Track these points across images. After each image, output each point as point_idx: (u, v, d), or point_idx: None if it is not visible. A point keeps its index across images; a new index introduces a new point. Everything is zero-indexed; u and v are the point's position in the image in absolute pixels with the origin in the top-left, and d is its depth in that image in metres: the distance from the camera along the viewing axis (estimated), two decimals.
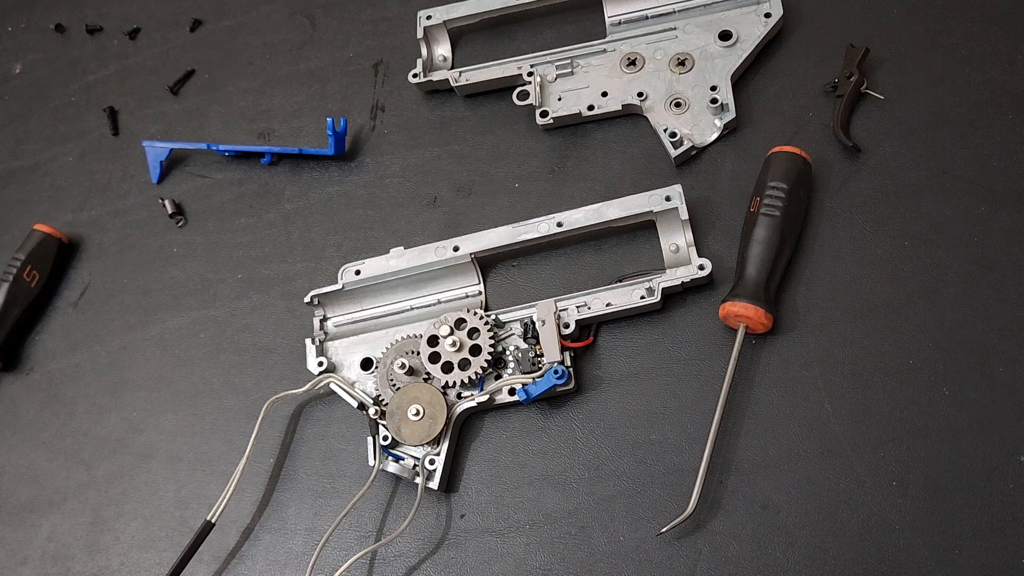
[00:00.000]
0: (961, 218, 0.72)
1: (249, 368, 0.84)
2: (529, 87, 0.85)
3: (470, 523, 0.73)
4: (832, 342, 0.71)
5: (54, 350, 0.91)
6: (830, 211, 0.75)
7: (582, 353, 0.76)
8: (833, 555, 0.65)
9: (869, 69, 0.78)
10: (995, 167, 0.73)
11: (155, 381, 0.86)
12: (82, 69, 1.06)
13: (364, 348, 0.80)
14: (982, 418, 0.66)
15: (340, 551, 0.75)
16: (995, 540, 0.63)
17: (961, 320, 0.69)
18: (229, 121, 0.97)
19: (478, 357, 0.74)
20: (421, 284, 0.80)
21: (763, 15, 0.81)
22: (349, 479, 0.77)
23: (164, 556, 0.79)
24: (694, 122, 0.80)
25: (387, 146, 0.90)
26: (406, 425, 0.74)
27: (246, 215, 0.91)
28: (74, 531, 0.82)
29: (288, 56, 0.98)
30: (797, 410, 0.69)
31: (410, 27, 0.92)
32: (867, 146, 0.76)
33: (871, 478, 0.66)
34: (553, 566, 0.70)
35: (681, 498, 0.68)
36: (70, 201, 0.98)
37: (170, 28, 1.05)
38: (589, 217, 0.77)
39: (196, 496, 0.80)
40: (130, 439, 0.85)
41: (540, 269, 0.80)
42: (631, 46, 0.84)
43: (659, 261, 0.76)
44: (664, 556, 0.68)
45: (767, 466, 0.68)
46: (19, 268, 0.91)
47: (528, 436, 0.75)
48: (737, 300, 0.70)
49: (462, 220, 0.84)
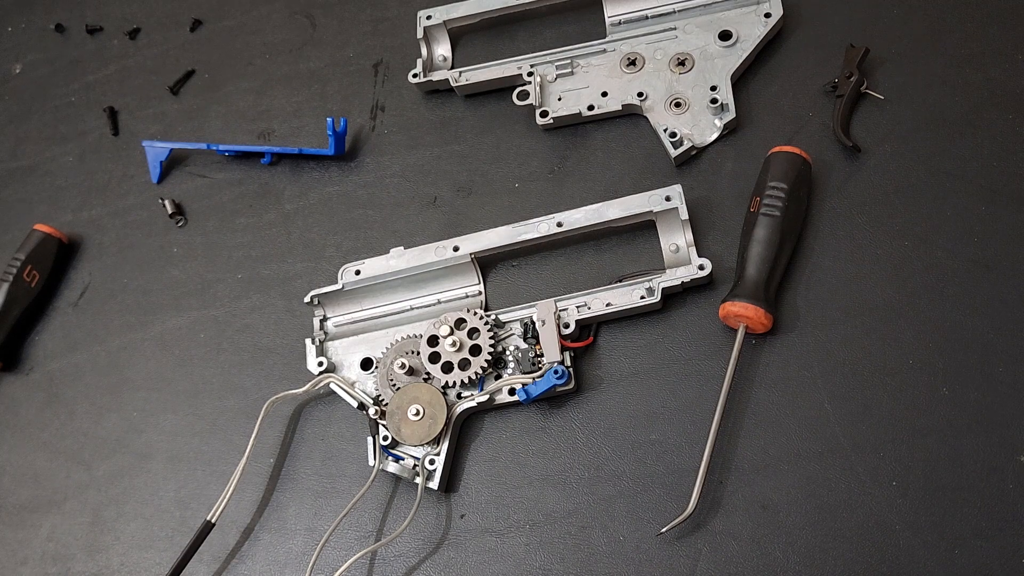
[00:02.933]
0: (961, 218, 0.72)
1: (249, 368, 0.84)
2: (529, 87, 0.85)
3: (470, 523, 0.73)
4: (832, 342, 0.71)
5: (54, 350, 0.91)
6: (830, 211, 0.75)
7: (582, 353, 0.76)
8: (833, 555, 0.65)
9: (869, 69, 0.78)
10: (995, 167, 0.73)
11: (155, 381, 0.86)
12: (82, 69, 1.06)
13: (364, 348, 0.80)
14: (982, 418, 0.66)
15: (340, 551, 0.75)
16: (995, 540, 0.63)
17: (961, 320, 0.69)
18: (229, 121, 0.97)
19: (478, 357, 0.74)
20: (421, 284, 0.80)
21: (763, 15, 0.81)
22: (349, 479, 0.77)
23: (164, 556, 0.79)
24: (694, 122, 0.80)
25: (387, 146, 0.90)
26: (406, 425, 0.74)
27: (246, 215, 0.91)
28: (74, 531, 0.82)
29: (288, 56, 0.98)
30: (797, 410, 0.69)
31: (410, 27, 0.92)
32: (867, 146, 0.76)
33: (871, 478, 0.66)
34: (553, 566, 0.70)
35: (681, 498, 0.68)
36: (70, 201, 0.98)
37: (170, 28, 1.05)
38: (589, 217, 0.77)
39: (196, 496, 0.80)
40: (130, 439, 0.85)
41: (540, 269, 0.80)
42: (631, 46, 0.84)
43: (659, 261, 0.76)
44: (664, 556, 0.68)
45: (767, 466, 0.68)
46: (19, 268, 0.91)
47: (528, 436, 0.75)
48: (737, 300, 0.70)
49: (462, 220, 0.84)
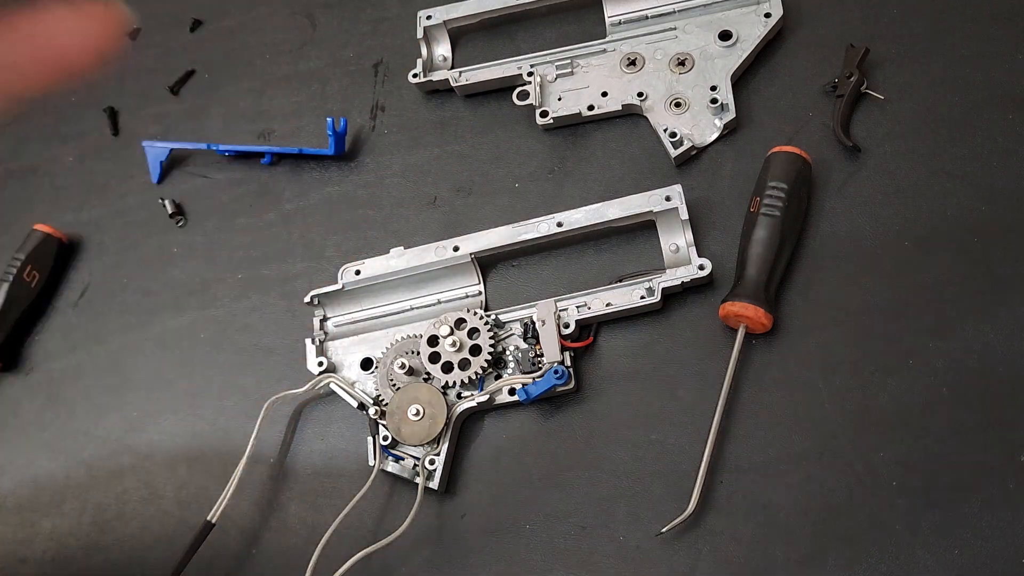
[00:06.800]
0: (961, 218, 0.72)
1: (249, 368, 0.84)
2: (529, 87, 0.85)
3: (470, 523, 0.73)
4: (832, 342, 0.71)
5: (54, 350, 0.91)
6: (830, 211, 0.75)
7: (582, 353, 0.76)
8: (833, 555, 0.65)
9: (869, 69, 0.78)
10: (995, 167, 0.73)
11: (155, 381, 0.86)
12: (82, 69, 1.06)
13: (364, 348, 0.80)
14: (982, 418, 0.66)
15: (340, 551, 0.74)
16: (995, 540, 0.63)
17: (961, 320, 0.69)
18: (229, 121, 0.97)
19: (478, 357, 0.74)
20: (421, 284, 0.80)
21: (763, 15, 0.81)
22: (349, 479, 0.77)
23: (164, 556, 0.79)
24: (694, 122, 0.80)
25: (387, 146, 0.90)
26: (406, 425, 0.74)
27: (246, 215, 0.91)
28: (74, 531, 0.82)
29: (288, 56, 0.98)
30: (797, 410, 0.69)
31: (410, 27, 0.92)
32: (867, 146, 0.76)
33: (871, 478, 0.66)
34: (553, 566, 0.70)
35: (681, 498, 0.68)
36: (70, 201, 0.98)
37: (170, 28, 1.05)
38: (589, 217, 0.77)
39: (196, 496, 0.80)
40: (130, 439, 0.84)
41: (540, 269, 0.80)
42: (631, 46, 0.84)
43: (659, 261, 0.76)
44: (664, 556, 0.68)
45: (767, 466, 0.68)
46: (19, 268, 0.91)
47: (528, 436, 0.75)
48: (737, 300, 0.70)
49: (462, 220, 0.84)
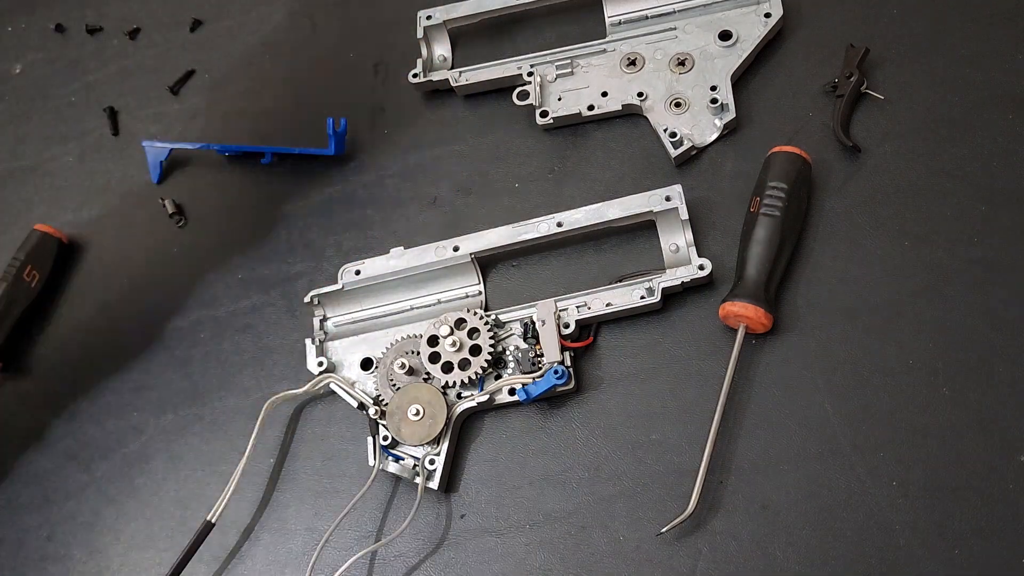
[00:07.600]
0: (961, 218, 0.72)
1: (249, 368, 0.84)
2: (529, 87, 0.85)
3: (470, 523, 0.73)
4: (832, 342, 0.71)
5: (54, 350, 0.91)
6: (830, 211, 0.75)
7: (582, 353, 0.76)
8: (833, 555, 0.65)
9: (869, 69, 0.78)
10: (995, 167, 0.73)
11: (155, 381, 0.86)
12: (82, 69, 1.06)
13: (364, 348, 0.80)
14: (982, 418, 0.66)
15: (340, 551, 0.75)
16: (995, 540, 0.63)
17: (961, 320, 0.69)
18: (229, 121, 0.97)
19: (478, 357, 0.74)
20: (421, 284, 0.80)
21: (763, 15, 0.81)
22: (349, 479, 0.77)
23: (164, 556, 0.79)
24: (694, 122, 0.80)
25: (387, 146, 0.90)
26: (406, 425, 0.74)
27: (246, 215, 0.91)
28: (74, 531, 0.82)
29: (288, 56, 0.98)
30: (797, 410, 0.69)
31: (410, 27, 0.92)
32: (867, 146, 0.76)
33: (871, 478, 0.66)
34: (553, 566, 0.70)
35: (681, 498, 0.68)
36: (70, 201, 0.98)
37: (170, 28, 1.05)
38: (589, 217, 0.77)
39: (196, 496, 0.80)
40: (130, 439, 0.84)
41: (540, 269, 0.80)
42: (631, 46, 0.84)
43: (659, 261, 0.76)
44: (664, 556, 0.68)
45: (767, 466, 0.68)
46: (19, 268, 0.90)
47: (528, 436, 0.75)
48: (737, 300, 0.70)
49: (462, 220, 0.84)
